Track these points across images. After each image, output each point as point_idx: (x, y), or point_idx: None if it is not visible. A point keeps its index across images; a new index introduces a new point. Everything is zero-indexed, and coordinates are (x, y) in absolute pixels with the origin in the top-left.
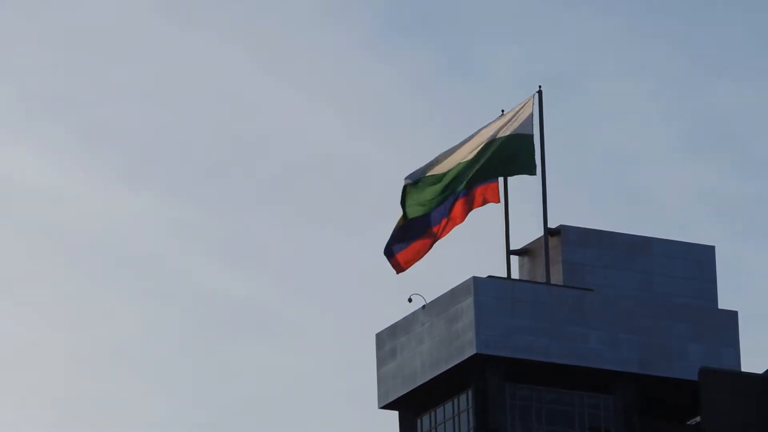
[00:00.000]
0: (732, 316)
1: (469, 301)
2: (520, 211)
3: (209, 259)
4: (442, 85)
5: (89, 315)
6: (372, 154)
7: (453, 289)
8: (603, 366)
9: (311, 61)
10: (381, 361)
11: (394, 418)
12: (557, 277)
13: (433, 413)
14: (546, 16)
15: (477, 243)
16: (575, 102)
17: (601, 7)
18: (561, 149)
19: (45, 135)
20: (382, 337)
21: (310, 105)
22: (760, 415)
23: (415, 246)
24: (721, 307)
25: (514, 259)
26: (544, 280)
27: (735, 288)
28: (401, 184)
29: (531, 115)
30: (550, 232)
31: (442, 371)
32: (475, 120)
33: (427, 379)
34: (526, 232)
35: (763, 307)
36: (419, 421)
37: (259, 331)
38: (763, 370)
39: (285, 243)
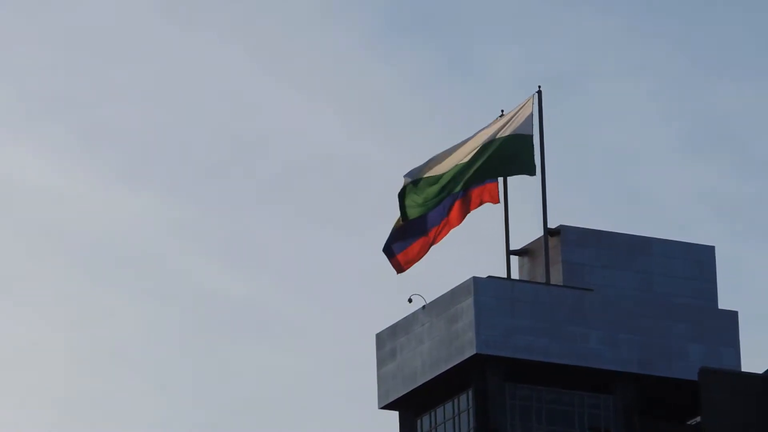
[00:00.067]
0: (732, 316)
1: (469, 302)
2: (520, 211)
3: (209, 259)
4: (442, 85)
5: (89, 315)
6: (372, 154)
7: (453, 289)
8: (603, 366)
9: (311, 61)
10: (381, 361)
11: (394, 418)
12: (557, 277)
13: (433, 413)
14: (546, 16)
15: (477, 243)
16: (575, 102)
17: (601, 7)
18: (561, 149)
19: (45, 135)
20: (382, 337)
21: (310, 105)
22: (760, 415)
23: (415, 246)
24: (721, 307)
25: (514, 259)
26: (544, 280)
27: (735, 288)
28: (401, 184)
29: (531, 115)
30: (549, 232)
31: (442, 371)
32: (475, 120)
33: (427, 379)
34: (526, 232)
35: (763, 307)
36: (419, 421)
37: (259, 331)
38: (763, 370)
39: (285, 243)
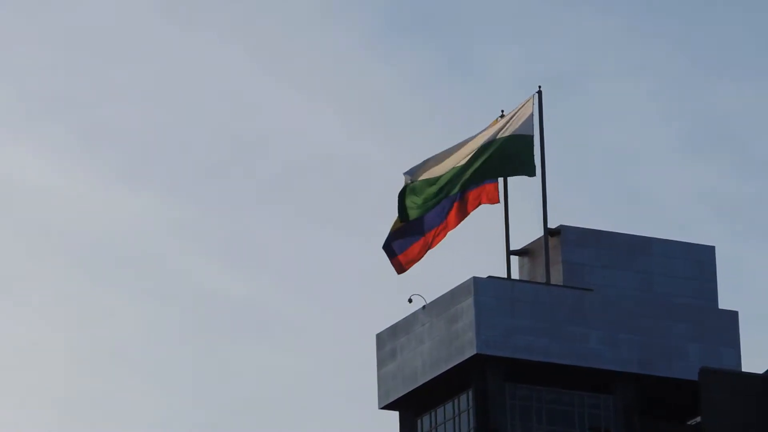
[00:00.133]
0: (732, 316)
1: (469, 302)
2: (520, 211)
3: (209, 259)
4: (442, 85)
5: (89, 315)
6: (372, 154)
7: (453, 289)
8: (603, 366)
9: (311, 61)
10: (381, 362)
11: (394, 418)
12: (557, 277)
13: (433, 413)
14: (546, 16)
15: (477, 243)
16: (575, 102)
17: (601, 7)
18: (561, 149)
19: (45, 135)
20: (382, 338)
21: (310, 105)
22: (760, 415)
23: (415, 247)
24: (722, 307)
25: (514, 259)
26: (544, 281)
27: (735, 288)
28: (401, 184)
29: (531, 115)
30: (550, 232)
31: (443, 371)
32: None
33: (427, 380)
34: (526, 232)
35: (763, 307)
36: (419, 421)
37: (259, 331)
38: (763, 370)
39: (285, 243)
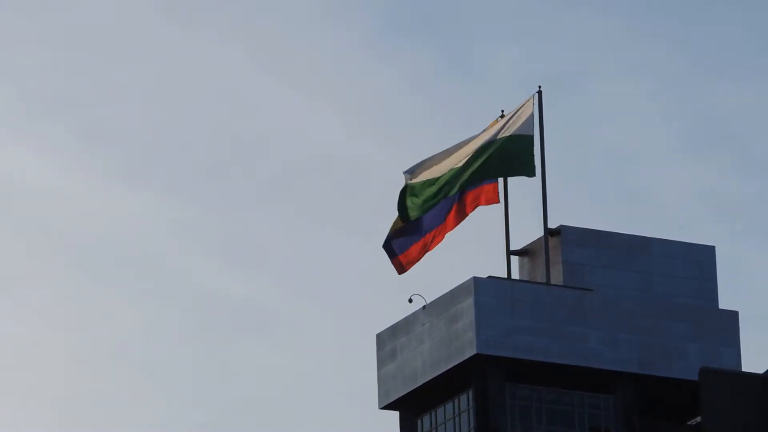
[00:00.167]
0: (732, 316)
1: (469, 302)
2: (520, 211)
3: (209, 259)
4: (442, 85)
5: (89, 315)
6: (372, 154)
7: (453, 289)
8: (603, 366)
9: (311, 61)
10: (381, 362)
11: (394, 418)
12: (557, 277)
13: (433, 413)
14: (546, 16)
15: (477, 243)
16: (575, 102)
17: (601, 7)
18: (561, 149)
19: (45, 135)
20: (382, 338)
21: (310, 105)
22: (760, 415)
23: (415, 247)
24: (722, 307)
25: (514, 259)
26: (544, 281)
27: (735, 288)
28: (401, 184)
29: (531, 115)
30: (550, 233)
31: (443, 371)
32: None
33: (427, 380)
34: (526, 232)
35: (763, 307)
36: (420, 421)
37: (259, 331)
38: (763, 370)
39: (285, 243)
